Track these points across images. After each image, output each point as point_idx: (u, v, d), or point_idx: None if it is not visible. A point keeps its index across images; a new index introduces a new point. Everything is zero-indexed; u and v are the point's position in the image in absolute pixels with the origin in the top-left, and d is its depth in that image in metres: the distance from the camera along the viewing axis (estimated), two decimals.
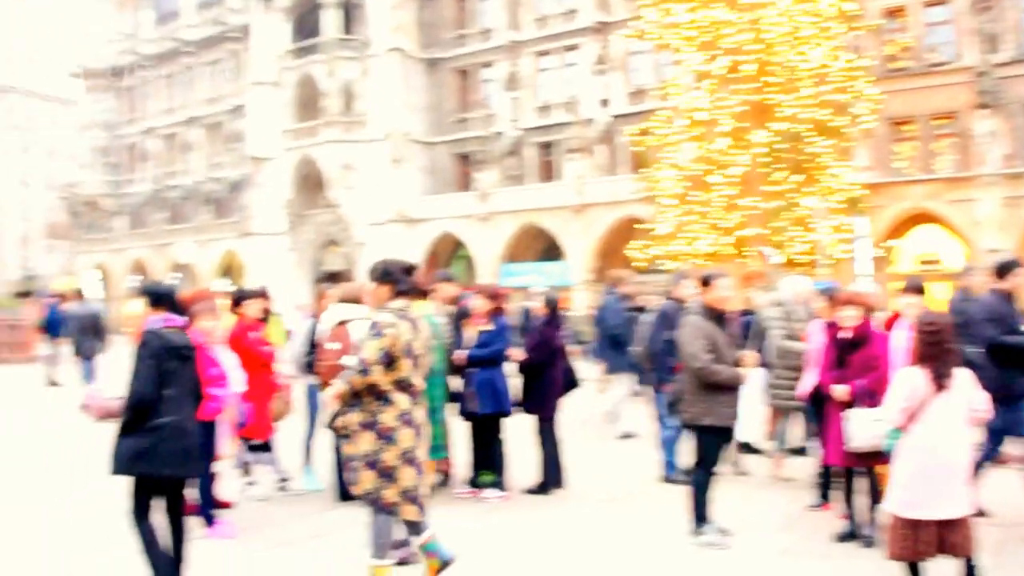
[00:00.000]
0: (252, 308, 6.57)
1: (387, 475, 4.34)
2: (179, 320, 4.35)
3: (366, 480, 4.35)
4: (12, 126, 69.16)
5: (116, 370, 10.36)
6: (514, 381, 7.03)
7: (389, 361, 4.27)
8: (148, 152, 49.92)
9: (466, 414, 6.87)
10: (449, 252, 37.56)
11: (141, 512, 4.16)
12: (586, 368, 13.65)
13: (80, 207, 51.74)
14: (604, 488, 7.28)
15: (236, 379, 5.80)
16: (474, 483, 6.91)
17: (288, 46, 40.40)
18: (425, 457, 4.66)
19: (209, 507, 5.75)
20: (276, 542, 5.41)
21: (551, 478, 7.05)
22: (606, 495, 7.02)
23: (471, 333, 6.75)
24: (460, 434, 7.17)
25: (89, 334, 13.36)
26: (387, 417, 4.31)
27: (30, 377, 16.46)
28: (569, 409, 7.76)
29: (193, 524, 5.33)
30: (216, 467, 5.93)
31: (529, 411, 7.07)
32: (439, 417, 5.12)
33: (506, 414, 6.84)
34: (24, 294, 35.03)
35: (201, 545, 5.03)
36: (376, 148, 37.31)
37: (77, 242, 51.66)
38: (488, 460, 6.86)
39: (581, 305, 29.36)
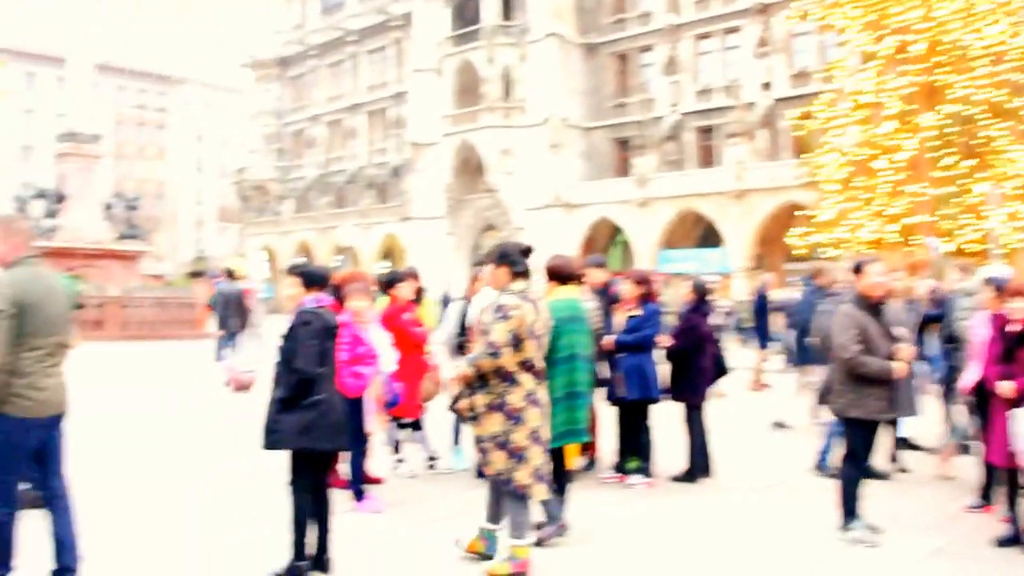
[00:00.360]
0: (405, 290, 6.95)
1: (518, 456, 4.60)
2: (329, 300, 4.69)
3: (497, 461, 4.62)
4: (187, 116, 75.99)
5: (260, 347, 11.28)
6: (663, 367, 7.18)
7: (516, 342, 4.55)
8: (314, 138, 53.69)
9: (614, 399, 7.07)
10: (606, 238, 38.63)
11: (301, 484, 4.50)
12: (744, 356, 13.69)
13: (249, 192, 56.12)
14: (753, 477, 7.33)
15: (388, 359, 6.12)
16: (620, 468, 7.11)
17: (448, 33, 42.40)
18: (548, 436, 4.90)
19: (359, 482, 6.06)
20: (422, 519, 5.68)
21: (698, 466, 7.18)
22: (754, 485, 7.07)
23: (620, 318, 7.02)
24: (608, 419, 7.38)
25: (233, 312, 15.34)
26: (515, 398, 4.59)
27: (200, 353, 18.24)
28: (721, 396, 7.91)
29: (342, 498, 5.70)
30: (368, 444, 6.23)
31: (676, 398, 7.23)
32: (584, 401, 5.36)
33: (654, 400, 7.01)
34: (196, 274, 37.73)
35: (349, 519, 5.39)
36: (534, 133, 38.83)
37: (246, 225, 55.95)
38: (635, 446, 7.04)
39: (740, 292, 29.56)
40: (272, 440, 4.41)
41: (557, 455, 5.49)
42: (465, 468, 7.19)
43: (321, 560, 4.56)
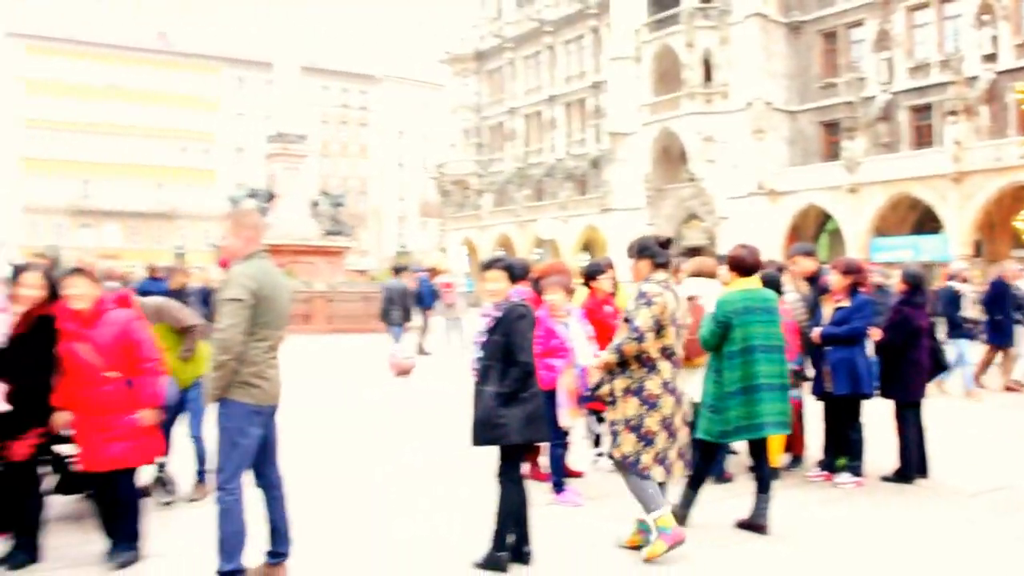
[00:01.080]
0: (605, 282, 7.32)
1: (647, 440, 5.09)
2: (528, 293, 5.11)
3: (627, 444, 5.10)
4: (388, 113, 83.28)
5: (460, 338, 14.39)
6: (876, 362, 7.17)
7: (658, 329, 5.05)
8: (512, 131, 57.61)
9: (820, 394, 7.20)
10: (814, 226, 39.41)
11: (512, 476, 4.94)
12: (974, 350, 13.24)
13: (449, 186, 60.88)
14: (974, 480, 7.23)
15: (584, 352, 6.41)
16: (828, 466, 7.20)
17: (646, 19, 44.15)
18: (682, 425, 5.27)
19: (560, 475, 6.47)
20: (621, 513, 5.88)
21: (911, 466, 7.20)
22: (976, 488, 6.97)
23: (828, 310, 7.14)
24: (815, 415, 7.50)
25: (397, 304, 18.16)
26: (652, 384, 5.10)
27: (404, 345, 18.81)
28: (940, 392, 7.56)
29: (542, 491, 6.16)
30: (568, 437, 6.60)
31: (886, 395, 7.25)
32: (768, 395, 5.54)
33: (865, 396, 7.06)
34: (399, 269, 46.67)
35: (548, 511, 5.77)
36: (737, 119, 39.89)
37: (447, 219, 60.42)
38: (844, 443, 7.10)
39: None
40: (497, 434, 4.79)
41: (758, 450, 5.80)
42: None
43: (521, 552, 4.95)
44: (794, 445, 7.70)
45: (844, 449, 7.22)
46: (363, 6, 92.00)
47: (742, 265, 5.85)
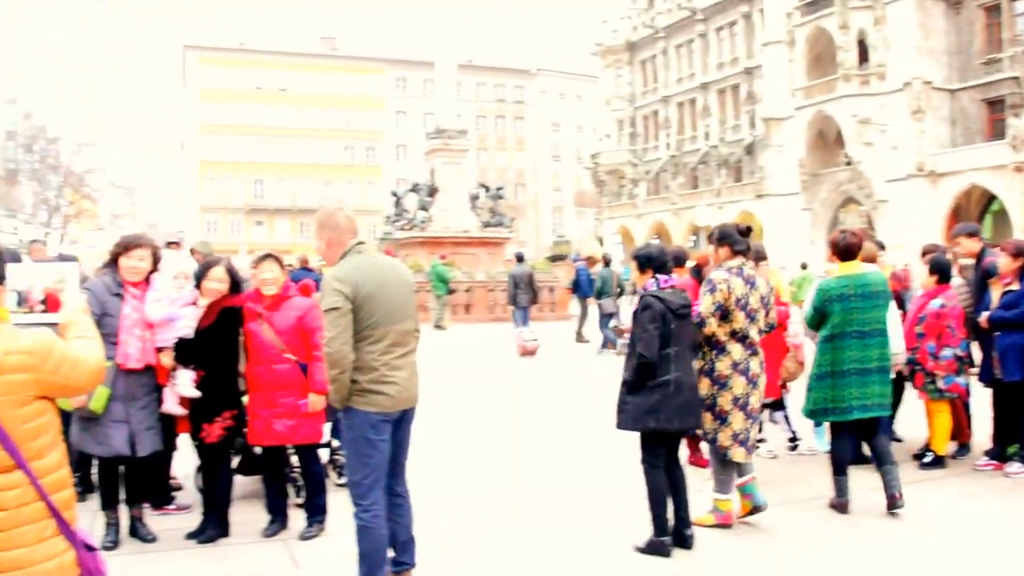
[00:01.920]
0: (762, 269, 6.88)
1: (721, 418, 5.50)
2: (673, 280, 5.38)
3: (706, 422, 5.52)
4: (543, 106, 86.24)
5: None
6: None
7: (724, 314, 5.44)
8: (666, 120, 58.99)
9: (989, 381, 7.16)
10: (977, 207, 39.08)
11: (652, 463, 5.21)
12: None
13: (604, 176, 62.86)
14: None
15: None
16: (997, 455, 7.16)
17: (798, 2, 44.45)
18: (758, 405, 5.60)
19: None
20: (779, 500, 6.10)
21: None
22: None
23: (996, 293, 7.07)
24: (984, 402, 7.42)
25: (523, 289, 19.63)
26: (722, 365, 5.51)
27: (561, 332, 20.87)
28: None
29: (704, 476, 6.30)
30: None
31: None
32: (861, 379, 5.75)
33: None
34: (556, 258, 41.04)
35: (709, 497, 5.84)
36: (895, 100, 39.90)
37: (602, 209, 62.56)
38: (1014, 431, 7.02)
39: None
40: (620, 420, 5.22)
41: (866, 431, 6.09)
42: (827, 450, 6.70)
43: (683, 536, 5.26)
44: (960, 433, 7.67)
45: (1015, 437, 7.12)
46: (517, 4, 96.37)
47: (840, 250, 6.08)
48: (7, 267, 2.86)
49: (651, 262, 5.44)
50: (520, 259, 21.32)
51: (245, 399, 5.65)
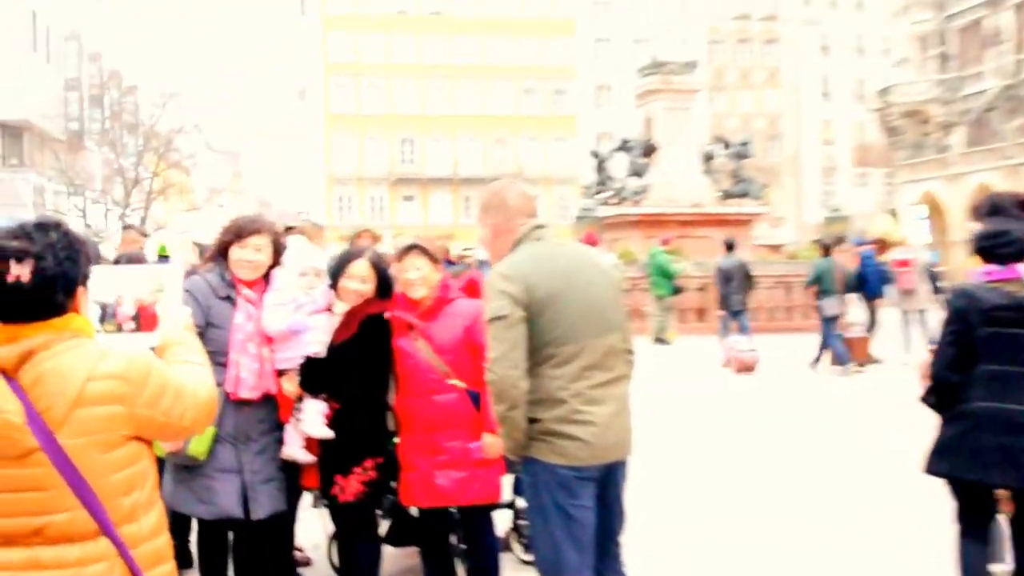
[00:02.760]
0: None
1: None
2: (1011, 272, 5.17)
3: None
4: (806, 19, 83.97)
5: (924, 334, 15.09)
6: None
7: None
8: (995, 32, 56.61)
9: None
10: None
11: (964, 527, 5.30)
12: None
13: (898, 121, 61.23)
14: None
15: None
16: None
17: None
18: None
19: None
20: None
21: None
22: None
23: None
24: None
25: (736, 288, 20.00)
26: None
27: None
28: None
29: None
30: None
31: None
32: None
33: None
34: (731, 245, 47.23)
35: None
36: None
37: (896, 169, 60.95)
38: None
39: None
40: (927, 464, 5.39)
41: None
42: None
43: None
44: None
45: None
46: None
47: None
48: (92, 269, 2.95)
49: (986, 241, 5.30)
50: (730, 247, 21.66)
51: (395, 442, 5.75)
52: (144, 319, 3.83)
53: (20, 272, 2.70)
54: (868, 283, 20.13)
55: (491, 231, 4.61)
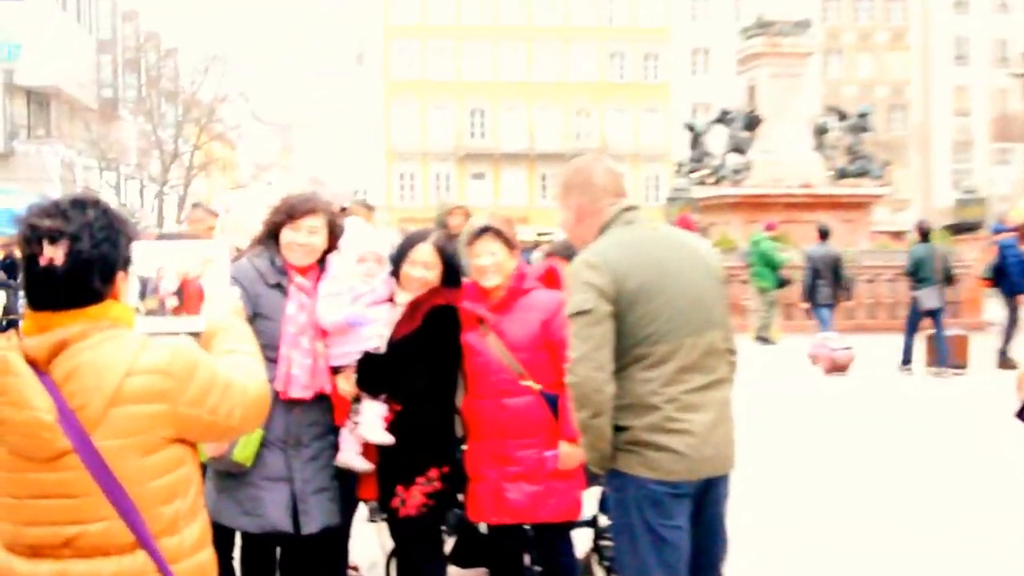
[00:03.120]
0: None
1: None
2: None
3: None
4: None
5: None
6: None
7: None
8: None
9: None
10: None
11: None
12: None
13: None
14: None
15: None
16: None
17: None
18: None
19: None
20: None
21: None
22: None
23: None
24: None
25: (825, 278, 20.20)
26: None
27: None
28: None
29: None
30: None
31: None
32: None
33: None
34: (964, 228, 42.86)
35: None
36: None
37: None
38: None
39: None
40: None
41: None
42: None
43: None
44: None
45: None
46: None
47: None
48: (133, 247, 2.96)
49: None
50: (824, 235, 21.55)
51: (463, 449, 5.78)
52: (188, 296, 3.78)
53: (53, 254, 2.71)
54: (1009, 276, 19.81)
55: (574, 213, 4.57)
